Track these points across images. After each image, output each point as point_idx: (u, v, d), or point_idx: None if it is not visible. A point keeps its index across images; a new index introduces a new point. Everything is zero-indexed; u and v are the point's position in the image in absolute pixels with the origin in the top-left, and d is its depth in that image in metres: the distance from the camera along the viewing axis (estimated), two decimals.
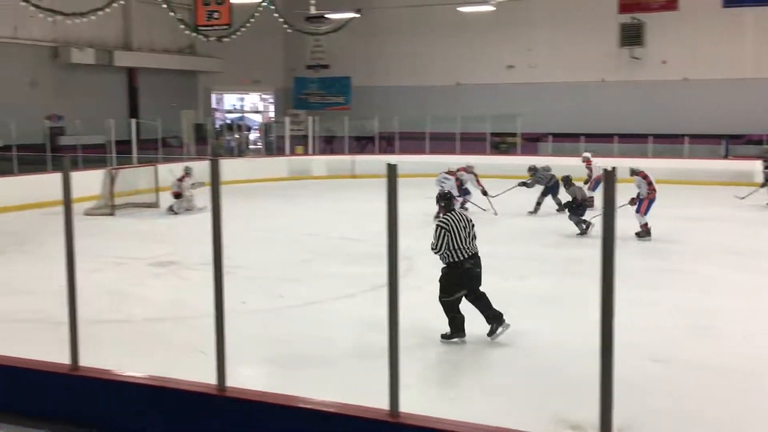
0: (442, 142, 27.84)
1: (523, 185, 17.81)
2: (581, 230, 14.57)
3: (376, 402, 4.96)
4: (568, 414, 6.04)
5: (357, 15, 27.86)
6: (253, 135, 33.25)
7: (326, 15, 28.18)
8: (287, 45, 32.20)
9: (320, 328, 8.59)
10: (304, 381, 6.91)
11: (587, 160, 18.34)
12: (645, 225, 14.07)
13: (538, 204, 17.35)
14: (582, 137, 25.53)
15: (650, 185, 14.10)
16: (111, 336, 8.11)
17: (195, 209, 17.62)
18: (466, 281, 7.91)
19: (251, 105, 34.71)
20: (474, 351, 7.87)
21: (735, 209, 17.89)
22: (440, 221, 7.88)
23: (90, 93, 25.93)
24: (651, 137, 25.38)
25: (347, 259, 12.41)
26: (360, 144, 28.31)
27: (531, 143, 28.09)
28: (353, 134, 27.74)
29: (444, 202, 8.27)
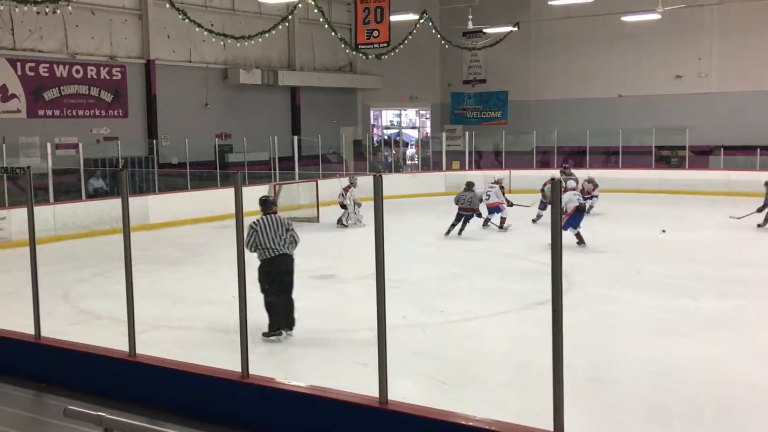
0: (603, 157, 27.02)
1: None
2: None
3: (536, 421, 4.82)
4: None
5: (515, 29, 27.60)
6: (410, 150, 33.61)
7: (483, 30, 28.10)
8: (444, 60, 32.38)
9: (480, 344, 8.49)
10: (464, 397, 6.83)
11: None
12: None
13: None
14: (758, 150, 23.94)
15: None
16: (274, 346, 8.36)
17: (360, 223, 17.92)
18: (267, 280, 8.56)
19: (408, 121, 35.13)
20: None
21: None
22: (251, 223, 8.47)
23: (256, 112, 27.17)
24: None
25: (505, 276, 12.23)
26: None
27: (700, 157, 26.65)
28: (510, 149, 27.43)
29: (261, 206, 8.90)
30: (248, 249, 8.24)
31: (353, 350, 8.09)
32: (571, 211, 14.33)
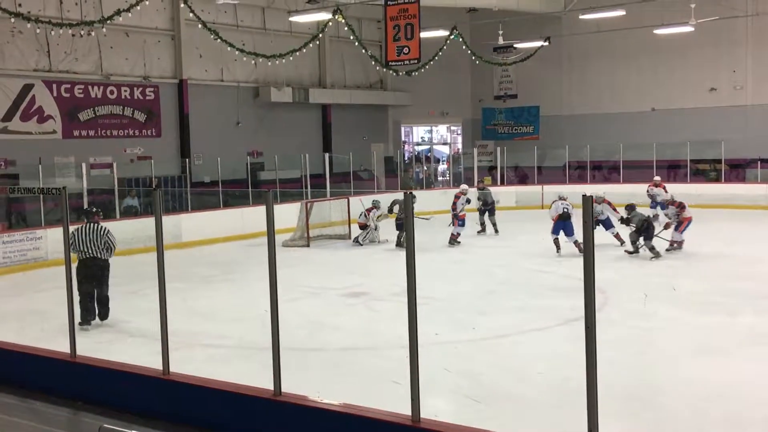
0: (636, 171, 26.72)
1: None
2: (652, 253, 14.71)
3: None
4: None
5: (545, 43, 27.52)
6: (442, 166, 33.59)
7: (514, 45, 28.06)
8: (475, 76, 32.37)
9: (513, 362, 8.39)
10: (498, 415, 6.75)
11: None
12: None
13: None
14: None
15: None
16: (307, 363, 8.35)
17: (377, 241, 18.09)
18: (81, 277, 10.17)
19: (440, 137, 35.13)
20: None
21: None
22: (73, 230, 9.86)
23: (287, 129, 27.34)
24: None
25: (538, 292, 12.11)
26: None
27: (736, 170, 26.27)
28: (542, 164, 27.28)
29: (84, 216, 10.90)
30: (71, 251, 9.00)
31: (385, 368, 8.05)
32: (555, 218, 15.38)
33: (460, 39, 25.10)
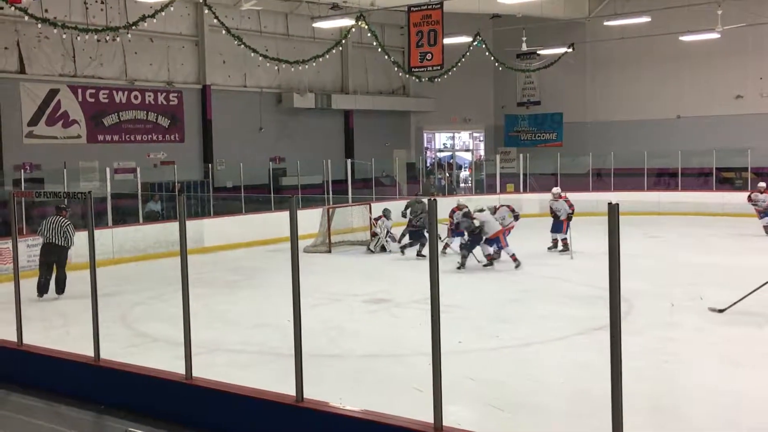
0: (661, 179, 26.53)
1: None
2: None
3: None
4: None
5: (569, 50, 27.39)
6: (464, 173, 33.51)
7: (538, 51, 27.96)
8: (498, 82, 32.28)
9: (536, 371, 8.31)
10: (520, 424, 6.69)
11: None
12: None
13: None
14: None
15: None
16: (329, 370, 8.33)
17: (389, 250, 17.96)
18: (42, 257, 13.01)
19: (462, 143, 35.07)
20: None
21: None
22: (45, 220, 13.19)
23: (309, 135, 27.41)
24: None
25: (561, 300, 12.01)
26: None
27: (763, 178, 25.92)
28: (565, 171, 27.11)
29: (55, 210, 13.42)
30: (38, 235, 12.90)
31: (407, 375, 8.01)
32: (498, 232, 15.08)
33: (483, 45, 25.03)
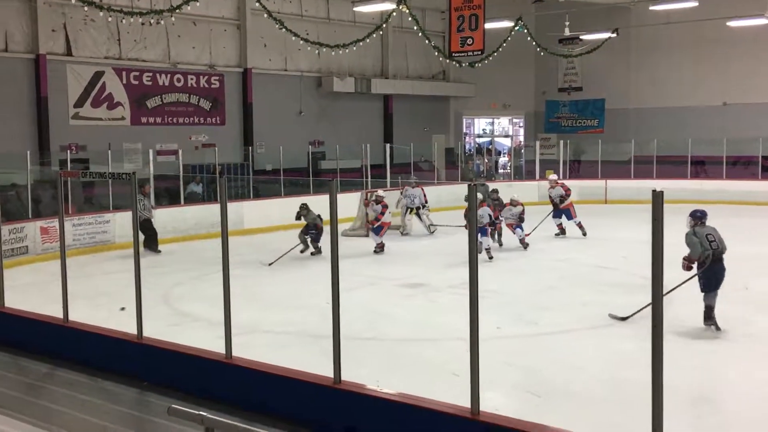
0: (705, 167, 26.06)
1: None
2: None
3: None
4: None
5: (613, 35, 26.98)
6: (503, 159, 33.30)
7: (581, 36, 27.59)
8: (539, 68, 31.95)
9: (575, 359, 8.28)
10: (557, 411, 6.67)
11: None
12: None
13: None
14: None
15: None
16: (365, 353, 8.38)
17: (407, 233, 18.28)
18: (142, 229, 14.25)
19: (501, 129, 34.84)
20: None
21: None
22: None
23: (348, 120, 27.44)
24: None
25: (601, 288, 11.92)
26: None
27: None
28: (606, 158, 26.77)
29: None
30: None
31: (444, 360, 8.04)
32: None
33: (525, 30, 24.76)
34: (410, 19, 22.52)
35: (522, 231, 15.80)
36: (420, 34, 23.26)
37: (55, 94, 20.44)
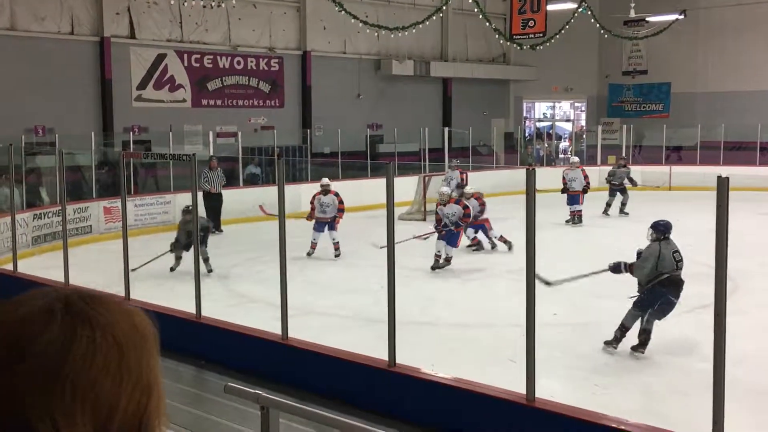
0: None
1: None
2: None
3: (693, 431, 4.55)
4: None
5: (681, 17, 26.23)
6: (563, 144, 32.79)
7: (647, 18, 26.90)
8: (602, 51, 31.26)
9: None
10: (615, 400, 6.55)
11: None
12: None
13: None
14: None
15: None
16: (420, 338, 8.36)
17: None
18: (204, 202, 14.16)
19: (562, 113, 34.28)
20: None
21: None
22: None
23: (407, 103, 27.32)
24: None
25: None
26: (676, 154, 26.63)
27: None
28: (671, 144, 26.14)
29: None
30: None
31: (500, 345, 7.97)
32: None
33: (589, 12, 24.25)
34: (470, 1, 22.26)
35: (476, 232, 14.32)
36: (480, 16, 22.97)
37: (119, 77, 20.84)
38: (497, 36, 24.48)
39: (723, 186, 4.35)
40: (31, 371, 0.80)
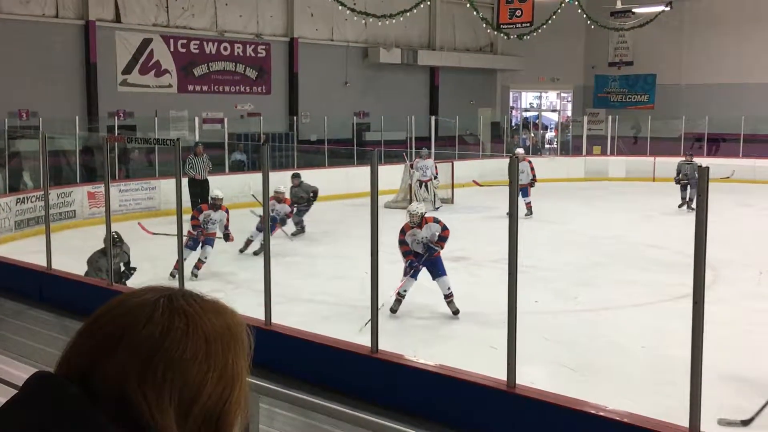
0: (759, 146, 25.40)
1: None
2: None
3: (671, 417, 4.61)
4: None
5: (667, 8, 26.30)
6: (550, 134, 32.87)
7: (633, 9, 26.97)
8: (589, 42, 31.31)
9: (615, 335, 8.20)
10: (595, 387, 6.61)
11: None
12: None
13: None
14: None
15: None
16: (404, 325, 8.42)
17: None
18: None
19: (549, 103, 34.35)
20: None
21: None
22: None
23: (394, 91, 27.27)
24: None
25: (645, 266, 11.74)
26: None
27: None
28: (656, 135, 26.25)
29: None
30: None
31: (483, 333, 8.02)
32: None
33: (576, 2, 24.28)
34: None
35: None
36: (468, 6, 22.97)
37: (104, 61, 20.68)
38: (485, 25, 24.48)
39: (703, 175, 4.39)
40: (135, 350, 0.94)
